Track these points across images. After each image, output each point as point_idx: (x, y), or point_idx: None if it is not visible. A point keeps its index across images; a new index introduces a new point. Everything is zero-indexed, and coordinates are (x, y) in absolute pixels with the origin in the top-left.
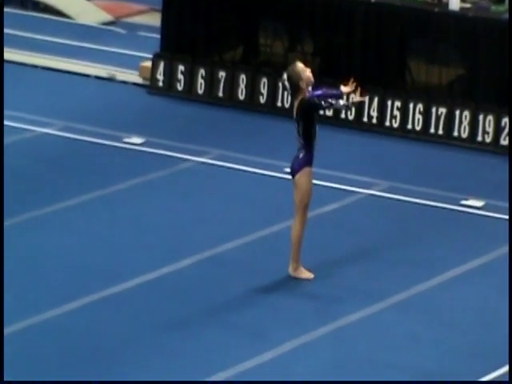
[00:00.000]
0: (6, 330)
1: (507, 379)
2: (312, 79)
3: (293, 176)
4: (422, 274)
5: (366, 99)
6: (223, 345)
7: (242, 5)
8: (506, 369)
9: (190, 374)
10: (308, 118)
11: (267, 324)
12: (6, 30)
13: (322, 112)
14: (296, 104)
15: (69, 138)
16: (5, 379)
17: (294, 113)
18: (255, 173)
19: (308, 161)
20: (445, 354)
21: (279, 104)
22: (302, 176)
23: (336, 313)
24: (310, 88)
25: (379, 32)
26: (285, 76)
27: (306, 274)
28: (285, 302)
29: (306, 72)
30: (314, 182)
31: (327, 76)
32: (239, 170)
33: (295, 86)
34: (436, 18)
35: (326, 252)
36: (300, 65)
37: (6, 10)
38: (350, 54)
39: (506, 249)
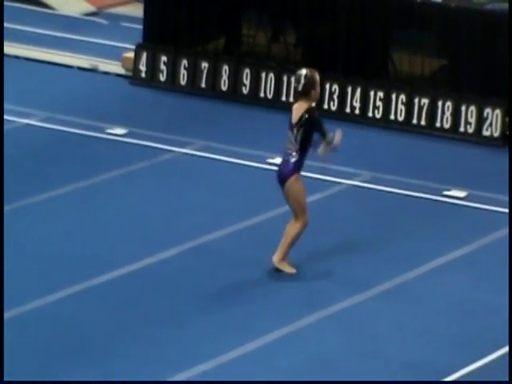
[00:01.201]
0: None
1: (490, 370)
2: (318, 97)
3: (282, 181)
4: (405, 263)
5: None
6: (207, 335)
7: None
8: (488, 359)
9: (173, 364)
10: (311, 129)
11: (251, 314)
12: None
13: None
14: (299, 111)
15: (52, 128)
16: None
17: (294, 119)
18: (238, 163)
19: (299, 167)
20: (428, 344)
21: (262, 95)
22: (293, 183)
23: (320, 303)
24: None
25: (362, 22)
26: (304, 73)
27: (288, 269)
28: (269, 292)
29: (319, 87)
30: None
31: (310, 66)
32: (222, 160)
33: (305, 91)
34: (419, 9)
35: (309, 242)
36: (318, 76)
37: None
38: (333, 44)
39: (489, 239)
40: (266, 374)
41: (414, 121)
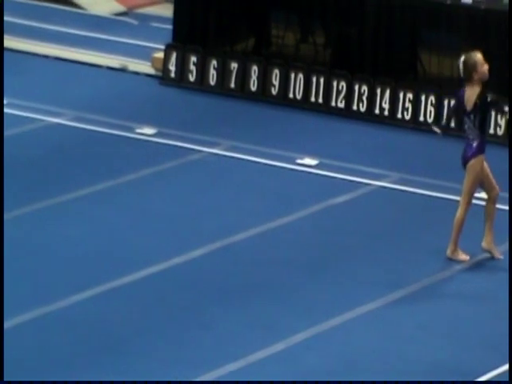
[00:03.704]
0: (20, 319)
1: None
2: (487, 75)
3: (465, 163)
4: (433, 264)
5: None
6: (234, 335)
7: None
8: None
9: (200, 365)
10: (485, 111)
11: (278, 315)
12: (19, 20)
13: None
14: (471, 97)
15: (81, 128)
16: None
17: (469, 106)
18: (266, 164)
19: (482, 149)
20: (456, 345)
21: (291, 95)
22: (475, 163)
23: (346, 304)
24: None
25: (391, 23)
26: (461, 59)
27: (462, 257)
28: (295, 292)
29: (482, 66)
30: (326, 173)
31: (339, 68)
32: (250, 161)
33: (467, 75)
34: (448, 10)
35: (337, 243)
36: (479, 56)
37: (19, 0)
38: (362, 45)
39: None
40: (292, 375)
41: (444, 122)
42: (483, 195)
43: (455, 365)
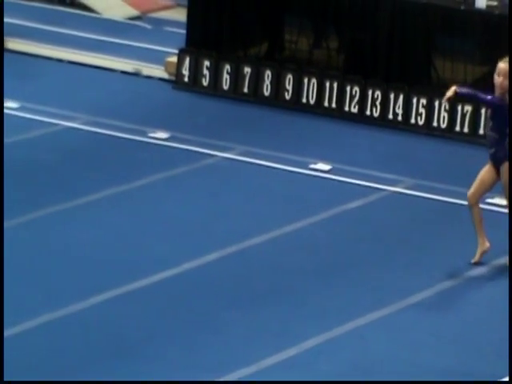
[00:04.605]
0: (33, 323)
1: None
2: (504, 86)
3: (500, 163)
4: (446, 271)
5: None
6: (246, 340)
7: (268, 1)
8: None
9: (212, 370)
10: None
11: (290, 320)
12: (33, 25)
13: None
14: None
15: (94, 132)
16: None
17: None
18: (280, 169)
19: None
20: (469, 352)
21: (304, 100)
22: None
23: (358, 310)
24: (503, 95)
25: (405, 29)
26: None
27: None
28: (308, 298)
29: (497, 78)
30: (339, 178)
31: (352, 73)
32: (263, 165)
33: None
34: (462, 16)
35: (349, 249)
36: (500, 65)
37: (33, 4)
38: (376, 50)
39: None
40: (303, 380)
41: (457, 128)
42: (501, 201)
43: (467, 371)
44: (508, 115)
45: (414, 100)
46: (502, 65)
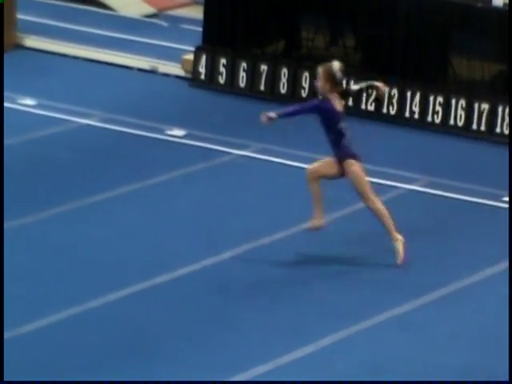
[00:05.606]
0: (49, 320)
1: None
2: (319, 88)
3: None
4: (462, 269)
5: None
6: (263, 338)
7: None
8: None
9: (228, 368)
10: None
11: (307, 318)
12: (49, 22)
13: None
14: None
15: (111, 129)
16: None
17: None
18: (296, 166)
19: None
20: (488, 351)
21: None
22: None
23: (375, 308)
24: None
25: (421, 26)
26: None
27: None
28: (324, 295)
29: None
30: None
31: (369, 70)
32: (280, 163)
33: None
34: (478, 13)
35: (365, 246)
36: (318, 70)
37: (50, 1)
38: (392, 48)
39: None
40: (319, 379)
41: (474, 126)
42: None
43: (483, 371)
44: (331, 117)
45: (431, 98)
46: (319, 69)
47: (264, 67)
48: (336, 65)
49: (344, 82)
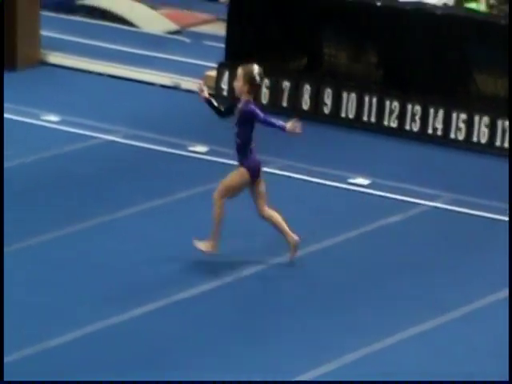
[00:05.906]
0: (73, 335)
1: None
2: (236, 89)
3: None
4: (485, 286)
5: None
6: (286, 353)
7: (306, 15)
8: None
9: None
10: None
11: (330, 334)
12: (73, 38)
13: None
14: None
15: (134, 145)
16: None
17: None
18: (318, 183)
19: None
20: (507, 368)
21: (343, 115)
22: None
23: (398, 324)
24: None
25: (444, 43)
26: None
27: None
28: (348, 311)
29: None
30: (378, 193)
31: (391, 87)
32: (302, 179)
33: None
34: (502, 31)
35: (389, 263)
36: (237, 71)
37: (74, 18)
38: (415, 65)
39: None
40: None
41: (497, 143)
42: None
43: None
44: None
45: (454, 115)
46: (239, 70)
47: (286, 83)
48: (256, 68)
49: (261, 86)
